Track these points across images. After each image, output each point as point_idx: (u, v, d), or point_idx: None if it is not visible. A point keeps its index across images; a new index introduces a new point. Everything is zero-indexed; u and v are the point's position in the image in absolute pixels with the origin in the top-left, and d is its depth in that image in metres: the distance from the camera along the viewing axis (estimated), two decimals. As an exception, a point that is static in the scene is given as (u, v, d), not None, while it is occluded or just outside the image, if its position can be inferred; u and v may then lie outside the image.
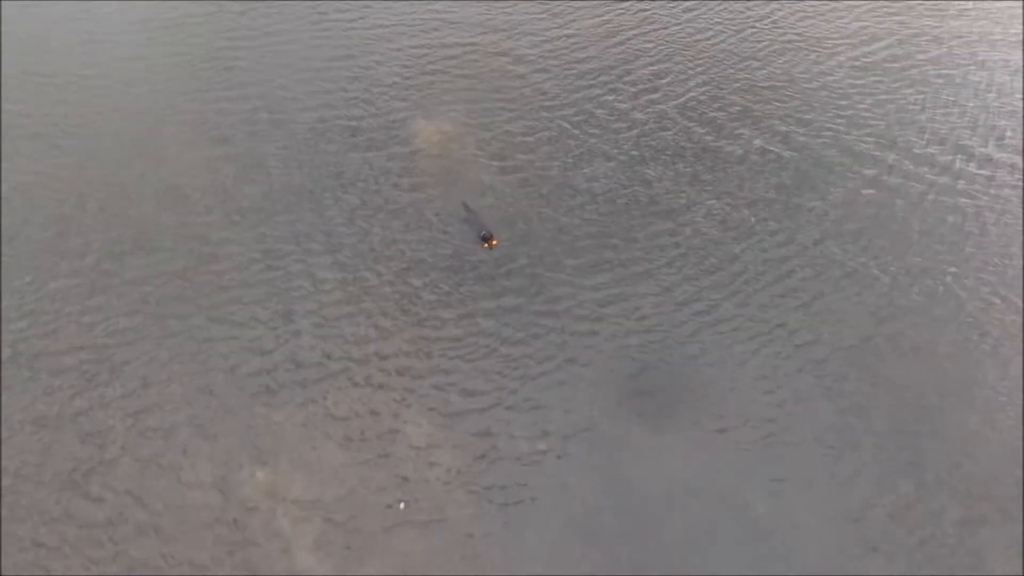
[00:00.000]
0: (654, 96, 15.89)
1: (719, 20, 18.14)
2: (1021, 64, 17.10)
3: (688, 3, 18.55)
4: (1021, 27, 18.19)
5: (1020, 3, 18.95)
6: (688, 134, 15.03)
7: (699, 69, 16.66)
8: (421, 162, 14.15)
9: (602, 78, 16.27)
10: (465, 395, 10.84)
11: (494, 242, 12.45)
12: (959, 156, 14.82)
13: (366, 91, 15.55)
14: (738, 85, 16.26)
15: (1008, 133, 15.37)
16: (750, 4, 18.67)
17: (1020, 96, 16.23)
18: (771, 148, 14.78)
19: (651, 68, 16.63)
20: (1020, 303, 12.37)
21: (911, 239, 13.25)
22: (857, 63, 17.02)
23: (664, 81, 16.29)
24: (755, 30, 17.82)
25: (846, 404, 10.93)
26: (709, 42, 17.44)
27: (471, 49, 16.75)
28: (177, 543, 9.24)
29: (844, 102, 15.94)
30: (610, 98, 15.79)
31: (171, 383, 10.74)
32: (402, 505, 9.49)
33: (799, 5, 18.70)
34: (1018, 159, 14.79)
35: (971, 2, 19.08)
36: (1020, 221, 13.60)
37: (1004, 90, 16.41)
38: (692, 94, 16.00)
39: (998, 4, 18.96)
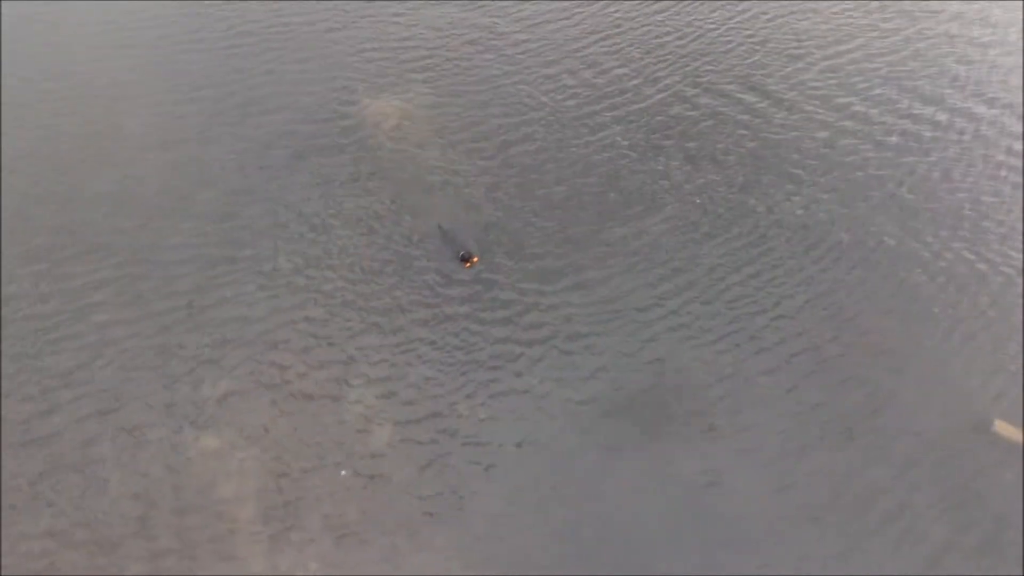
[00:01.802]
0: (619, 89, 15.58)
1: (692, 18, 17.84)
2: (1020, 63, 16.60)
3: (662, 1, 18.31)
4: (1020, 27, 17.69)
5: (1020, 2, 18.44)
6: (656, 133, 14.64)
7: (670, 66, 16.35)
8: (377, 162, 13.86)
9: (567, 73, 15.96)
10: (412, 387, 10.55)
11: (475, 259, 12.04)
12: (925, 156, 14.40)
13: (323, 90, 15.30)
14: (706, 81, 15.93)
15: (971, 128, 14.93)
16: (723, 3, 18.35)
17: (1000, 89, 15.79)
18: (733, 150, 14.32)
19: (621, 66, 16.32)
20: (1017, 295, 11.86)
21: (875, 241, 12.74)
22: (830, 63, 16.60)
23: (633, 74, 15.98)
24: (725, 29, 17.48)
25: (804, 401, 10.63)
26: (678, 35, 17.16)
27: (436, 44, 16.58)
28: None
29: (809, 103, 15.49)
30: (578, 92, 15.46)
31: (120, 392, 10.35)
32: (343, 472, 9.64)
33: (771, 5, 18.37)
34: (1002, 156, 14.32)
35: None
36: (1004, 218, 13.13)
37: (980, 81, 16.05)
38: (663, 86, 15.70)
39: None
